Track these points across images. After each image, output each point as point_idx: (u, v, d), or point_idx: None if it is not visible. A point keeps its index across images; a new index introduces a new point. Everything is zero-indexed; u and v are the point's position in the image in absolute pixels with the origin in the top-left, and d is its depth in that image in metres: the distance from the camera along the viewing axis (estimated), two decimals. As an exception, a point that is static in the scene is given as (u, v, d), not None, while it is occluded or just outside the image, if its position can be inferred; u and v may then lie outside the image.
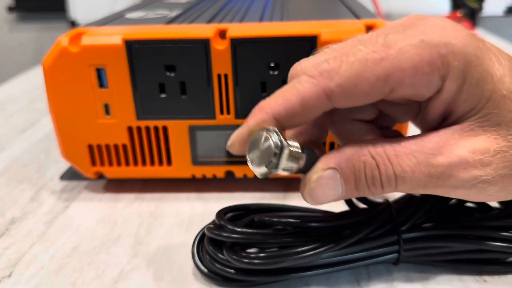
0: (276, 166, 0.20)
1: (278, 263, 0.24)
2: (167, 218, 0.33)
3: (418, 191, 0.21)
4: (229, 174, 0.36)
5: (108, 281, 0.27)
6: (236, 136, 0.22)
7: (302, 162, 0.21)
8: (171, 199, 0.36)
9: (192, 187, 0.37)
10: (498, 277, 0.26)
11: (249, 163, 0.21)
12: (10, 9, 1.72)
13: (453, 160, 0.20)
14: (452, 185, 0.20)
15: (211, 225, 0.26)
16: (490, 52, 0.20)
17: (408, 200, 0.26)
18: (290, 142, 0.21)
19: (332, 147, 0.34)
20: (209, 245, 0.26)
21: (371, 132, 0.25)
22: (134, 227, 0.32)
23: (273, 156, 0.20)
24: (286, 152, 0.20)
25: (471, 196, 0.21)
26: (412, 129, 0.25)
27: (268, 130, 0.20)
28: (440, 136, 0.20)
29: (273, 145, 0.20)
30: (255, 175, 0.35)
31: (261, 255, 0.24)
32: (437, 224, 0.26)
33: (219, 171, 0.35)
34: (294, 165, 0.21)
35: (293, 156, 0.20)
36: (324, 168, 0.21)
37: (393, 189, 0.21)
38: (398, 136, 0.28)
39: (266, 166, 0.20)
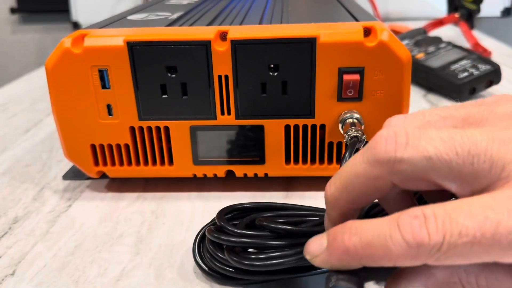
0: None
1: (278, 265, 0.24)
2: (169, 216, 0.34)
3: None
4: (230, 173, 0.36)
5: (110, 279, 0.27)
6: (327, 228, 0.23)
7: None
8: (172, 198, 0.36)
9: (193, 186, 0.37)
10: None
11: None
12: (13, 10, 1.72)
13: None
14: None
15: (211, 227, 0.27)
16: None
17: None
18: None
19: (330, 146, 0.35)
20: (210, 244, 0.26)
21: (408, 198, 0.24)
22: (136, 225, 0.33)
23: None
24: None
25: None
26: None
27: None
28: None
29: None
30: (255, 174, 0.36)
31: (261, 256, 0.24)
32: None
33: (220, 171, 0.36)
34: None
35: None
36: None
37: None
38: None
39: None
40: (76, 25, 1.49)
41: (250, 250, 0.25)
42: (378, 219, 0.19)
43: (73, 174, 0.40)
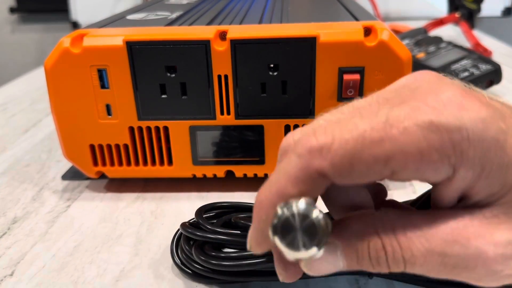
0: (322, 241, 0.17)
1: (246, 266, 0.24)
2: (168, 217, 0.33)
3: (430, 275, 0.18)
4: (229, 173, 0.36)
5: (109, 280, 0.27)
6: (251, 240, 0.20)
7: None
8: (172, 198, 0.36)
9: (193, 186, 0.37)
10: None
11: (285, 250, 0.18)
12: (12, 10, 1.72)
13: (470, 252, 0.17)
14: (468, 276, 0.18)
15: (186, 222, 0.26)
16: None
17: None
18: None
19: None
20: (185, 244, 0.26)
21: (362, 191, 0.22)
22: (135, 226, 0.33)
23: (322, 231, 0.17)
24: (329, 223, 0.18)
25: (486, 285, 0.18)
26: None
27: (296, 203, 0.17)
28: (458, 220, 0.18)
29: (317, 220, 0.17)
30: (254, 174, 0.36)
31: (233, 255, 0.24)
32: None
33: (219, 171, 0.36)
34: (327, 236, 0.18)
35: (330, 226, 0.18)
36: None
37: (401, 270, 0.18)
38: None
39: (315, 245, 0.17)
40: (75, 25, 1.49)
41: (227, 250, 0.25)
42: None
43: (72, 174, 0.40)
